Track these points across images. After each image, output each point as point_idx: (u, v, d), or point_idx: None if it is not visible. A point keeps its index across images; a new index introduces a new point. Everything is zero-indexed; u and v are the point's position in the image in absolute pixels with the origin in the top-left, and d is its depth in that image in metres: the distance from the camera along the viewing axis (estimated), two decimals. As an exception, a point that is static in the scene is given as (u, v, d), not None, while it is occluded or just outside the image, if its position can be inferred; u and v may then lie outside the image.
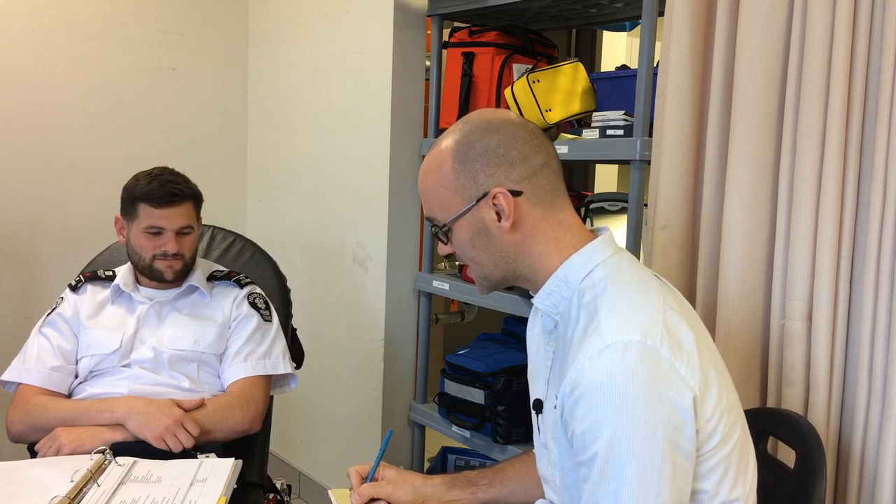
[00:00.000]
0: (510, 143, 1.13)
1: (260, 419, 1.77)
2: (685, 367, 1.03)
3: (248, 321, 1.85)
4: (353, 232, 2.56)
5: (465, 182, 1.13)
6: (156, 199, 1.74)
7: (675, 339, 1.04)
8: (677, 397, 1.01)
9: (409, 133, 2.40)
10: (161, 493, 1.40)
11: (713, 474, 1.07)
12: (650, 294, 1.09)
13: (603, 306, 1.07)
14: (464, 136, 1.15)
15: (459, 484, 1.40)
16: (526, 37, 2.08)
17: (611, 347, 1.01)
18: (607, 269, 1.12)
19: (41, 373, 1.74)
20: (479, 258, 1.17)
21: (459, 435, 2.10)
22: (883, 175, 1.29)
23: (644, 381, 1.00)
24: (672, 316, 1.07)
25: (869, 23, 1.32)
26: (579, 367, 1.03)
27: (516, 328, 2.18)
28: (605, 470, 1.00)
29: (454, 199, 1.14)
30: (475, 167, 1.13)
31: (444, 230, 1.17)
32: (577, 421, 1.03)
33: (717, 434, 1.06)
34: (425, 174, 1.18)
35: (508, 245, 1.15)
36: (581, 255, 1.14)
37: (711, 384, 1.06)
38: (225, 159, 3.03)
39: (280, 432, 2.77)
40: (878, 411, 1.33)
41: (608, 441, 1.00)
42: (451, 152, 1.14)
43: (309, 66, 2.73)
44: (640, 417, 0.99)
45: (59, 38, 2.59)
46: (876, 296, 1.32)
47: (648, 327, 1.03)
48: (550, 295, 1.16)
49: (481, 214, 1.13)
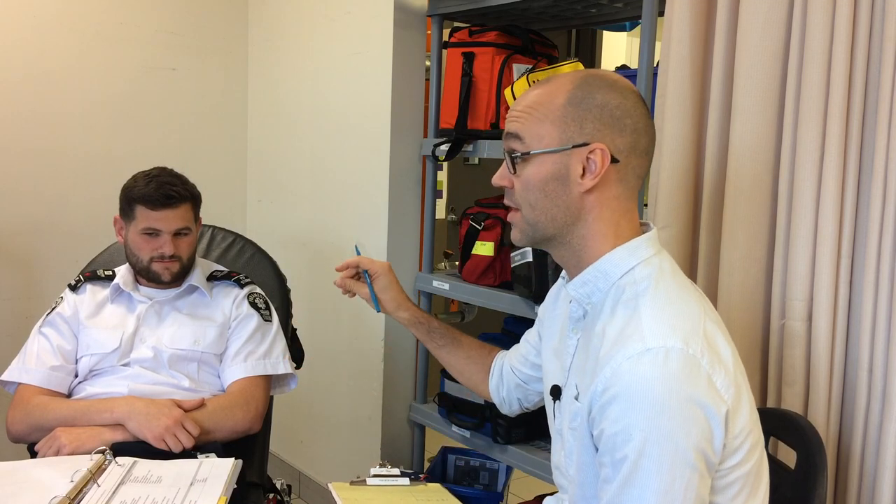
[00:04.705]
0: (630, 110, 1.09)
1: (260, 419, 1.78)
2: (721, 380, 1.01)
3: (248, 321, 1.85)
4: (353, 232, 2.55)
5: (570, 123, 1.08)
6: (152, 201, 1.74)
7: (714, 350, 1.03)
8: (713, 409, 0.99)
9: (409, 133, 2.40)
10: (161, 493, 1.40)
11: (729, 490, 1.06)
12: (691, 302, 1.08)
13: (645, 307, 1.05)
14: (587, 82, 1.10)
15: (422, 328, 1.59)
16: (526, 37, 2.08)
17: (652, 352, 0.99)
18: (650, 269, 1.10)
19: (41, 373, 1.74)
20: (540, 204, 1.11)
21: (459, 435, 2.10)
22: (883, 175, 1.29)
23: (683, 390, 0.98)
24: (711, 327, 1.05)
25: (869, 23, 1.32)
26: (615, 368, 1.00)
27: (516, 328, 2.18)
28: (633, 474, 0.98)
29: (552, 132, 1.09)
30: (587, 115, 1.08)
31: (522, 157, 1.11)
32: (609, 421, 1.00)
33: (741, 451, 1.04)
34: (536, 94, 1.12)
35: (576, 205, 1.10)
36: (625, 249, 1.11)
37: (743, 400, 1.05)
38: (225, 159, 3.03)
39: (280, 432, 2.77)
40: (878, 411, 1.33)
41: (640, 446, 0.97)
42: (567, 91, 1.09)
43: (309, 66, 2.73)
44: (675, 426, 0.97)
45: (59, 38, 2.59)
46: (876, 296, 1.32)
47: (690, 335, 1.01)
48: (586, 284, 1.13)
49: (569, 161, 1.09)
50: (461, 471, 2.24)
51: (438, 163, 2.29)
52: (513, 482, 2.23)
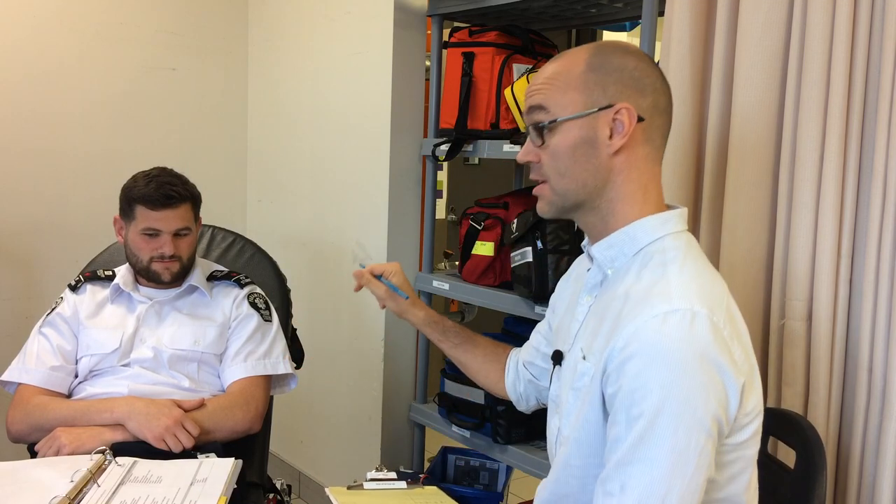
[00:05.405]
0: (646, 70, 1.12)
1: (260, 419, 1.78)
2: (739, 354, 1.03)
3: (248, 321, 1.86)
4: (353, 232, 2.56)
5: (593, 88, 1.10)
6: (152, 202, 1.74)
7: (735, 326, 1.05)
8: (733, 377, 1.00)
9: (409, 133, 2.40)
10: (161, 493, 1.40)
11: (728, 469, 1.06)
12: (717, 280, 1.10)
13: (673, 273, 1.06)
14: (601, 49, 1.12)
15: (437, 328, 1.60)
16: (526, 37, 2.08)
17: (679, 313, 0.99)
18: (679, 242, 1.12)
19: (41, 373, 1.74)
20: (570, 170, 1.12)
21: (459, 435, 2.10)
22: (883, 175, 1.29)
23: (706, 354, 0.98)
24: (733, 306, 1.07)
25: (869, 22, 1.32)
26: (639, 325, 1.00)
27: (516, 328, 2.18)
28: (648, 432, 0.98)
29: (576, 98, 1.11)
30: (608, 79, 1.10)
31: (549, 126, 1.12)
32: (628, 378, 1.00)
33: (747, 430, 1.05)
34: (553, 67, 1.14)
35: (606, 167, 1.11)
36: (657, 219, 1.13)
37: (756, 383, 1.06)
38: (225, 159, 3.03)
39: (280, 432, 2.77)
40: (878, 411, 1.32)
41: (658, 403, 0.97)
42: (585, 60, 1.11)
43: (309, 66, 2.73)
44: (695, 388, 0.97)
45: (59, 38, 2.59)
46: (876, 295, 1.32)
47: (715, 306, 1.02)
48: (612, 247, 1.14)
49: (596, 124, 1.10)
50: (461, 471, 2.24)
51: (438, 163, 2.29)
52: (513, 482, 2.23)
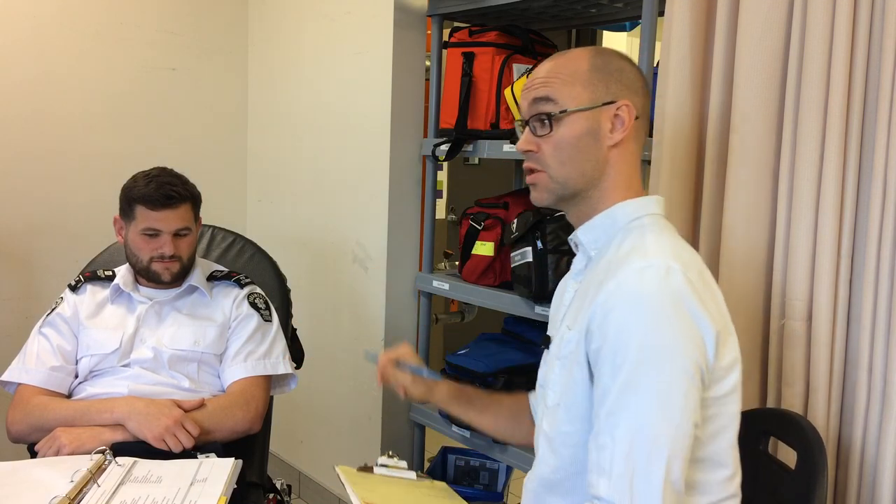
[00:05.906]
0: (639, 75, 1.23)
1: (260, 419, 1.77)
2: (713, 307, 1.09)
3: (248, 321, 1.85)
4: (353, 232, 2.56)
5: (597, 84, 1.19)
6: (152, 202, 1.74)
7: (707, 285, 1.11)
8: (708, 326, 1.06)
9: (409, 133, 2.40)
10: (161, 493, 1.40)
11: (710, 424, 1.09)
12: (693, 252, 1.17)
13: (651, 237, 1.14)
14: (602, 53, 1.22)
15: (462, 399, 1.58)
16: (526, 37, 2.08)
17: (654, 267, 1.06)
18: (655, 220, 1.20)
19: (41, 373, 1.74)
20: (572, 160, 1.19)
21: (459, 435, 2.09)
22: (883, 175, 1.29)
23: (681, 301, 1.05)
24: (707, 274, 1.14)
25: (869, 23, 1.32)
26: (619, 280, 1.07)
27: (516, 328, 2.18)
28: (633, 378, 1.03)
29: (582, 93, 1.19)
30: (610, 79, 1.19)
31: (557, 116, 1.19)
32: (611, 328, 1.06)
33: (725, 383, 1.10)
34: (554, 64, 1.22)
35: (603, 159, 1.19)
36: (636, 202, 1.21)
37: (732, 335, 1.11)
38: (225, 159, 3.03)
39: (280, 432, 2.77)
40: (878, 411, 1.33)
41: (640, 350, 1.03)
42: (588, 59, 1.20)
43: (309, 66, 2.73)
44: (675, 335, 1.04)
45: (59, 38, 2.59)
46: (876, 296, 1.32)
47: (688, 265, 1.09)
48: (594, 229, 1.22)
49: (600, 118, 1.18)
50: (461, 471, 2.24)
51: (438, 163, 2.29)
52: (513, 482, 2.23)
